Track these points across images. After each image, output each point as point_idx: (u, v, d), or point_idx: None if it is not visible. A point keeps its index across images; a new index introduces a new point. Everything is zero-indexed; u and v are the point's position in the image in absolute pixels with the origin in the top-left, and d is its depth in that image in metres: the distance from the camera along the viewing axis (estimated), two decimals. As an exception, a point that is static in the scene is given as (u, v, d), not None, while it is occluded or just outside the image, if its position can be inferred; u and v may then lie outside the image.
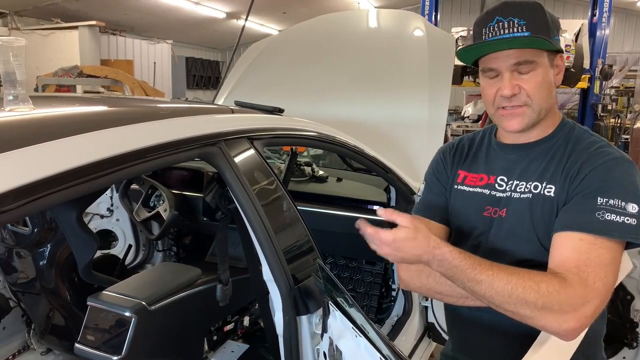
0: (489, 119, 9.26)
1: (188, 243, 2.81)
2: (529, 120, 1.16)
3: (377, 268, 2.71)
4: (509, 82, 1.13)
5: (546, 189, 1.15)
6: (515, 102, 1.15)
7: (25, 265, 2.06)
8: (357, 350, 1.02)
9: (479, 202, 1.25)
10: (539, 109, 1.15)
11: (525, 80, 1.13)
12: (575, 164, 1.13)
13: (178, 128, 1.21)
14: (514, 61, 1.13)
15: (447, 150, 1.39)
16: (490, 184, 1.25)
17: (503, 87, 1.14)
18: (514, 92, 1.13)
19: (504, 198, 1.21)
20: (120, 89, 8.33)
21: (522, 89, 1.13)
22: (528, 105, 1.15)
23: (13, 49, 1.05)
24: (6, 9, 9.92)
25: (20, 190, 0.84)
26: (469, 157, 1.33)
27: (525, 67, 1.13)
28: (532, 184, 1.17)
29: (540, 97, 1.15)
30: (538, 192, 1.16)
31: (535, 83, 1.13)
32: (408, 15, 3.48)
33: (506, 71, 1.14)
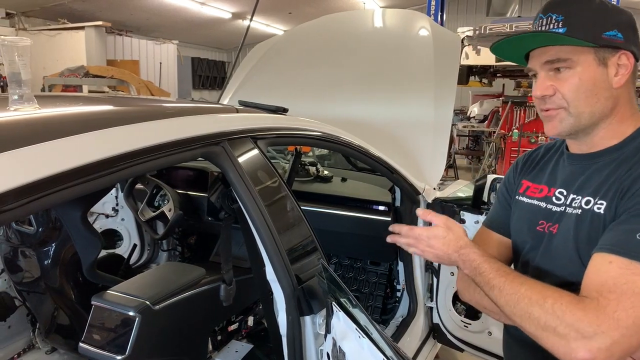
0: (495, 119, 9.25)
1: (193, 243, 2.81)
2: (567, 125, 1.06)
3: (381, 268, 2.70)
4: (541, 83, 1.05)
5: (596, 205, 1.03)
6: (549, 104, 1.06)
7: (30, 264, 2.06)
8: (361, 351, 1.01)
9: (534, 216, 1.16)
10: (577, 113, 1.04)
11: (560, 80, 1.04)
12: (630, 177, 0.99)
13: (181, 127, 1.21)
14: (544, 59, 1.05)
15: (521, 158, 1.31)
16: (549, 197, 1.15)
17: (536, 88, 1.07)
18: (544, 93, 1.05)
19: (557, 213, 1.11)
20: (126, 89, 8.36)
21: (557, 90, 1.04)
22: (564, 109, 1.05)
23: (18, 48, 1.05)
24: (13, 10, 9.98)
25: (24, 188, 0.84)
26: (538, 167, 1.24)
27: (560, 65, 1.03)
28: (585, 198, 1.06)
29: (579, 100, 1.03)
30: (588, 208, 1.04)
31: (570, 84, 1.03)
32: (413, 15, 3.47)
33: (540, 70, 1.06)
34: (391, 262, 2.59)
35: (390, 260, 2.56)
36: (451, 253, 1.07)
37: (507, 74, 8.63)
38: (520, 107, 7.94)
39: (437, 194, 2.37)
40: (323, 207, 2.48)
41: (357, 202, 2.48)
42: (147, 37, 12.48)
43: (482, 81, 9.23)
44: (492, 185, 2.18)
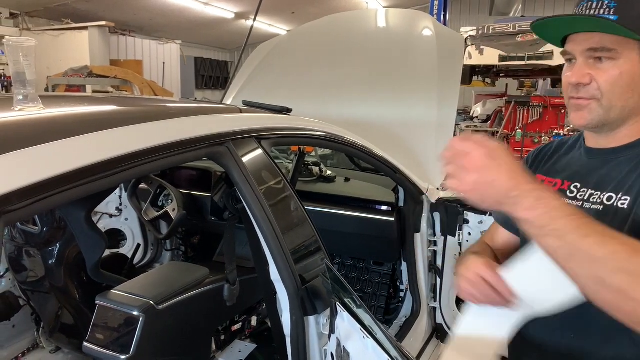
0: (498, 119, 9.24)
1: (196, 242, 2.81)
2: (595, 117, 1.01)
3: (385, 269, 2.70)
4: (579, 69, 0.99)
5: (620, 201, 0.98)
6: (582, 93, 1.00)
7: (34, 264, 2.07)
8: (365, 352, 1.01)
9: None
10: (609, 106, 0.99)
11: (600, 70, 0.98)
12: None
13: (186, 128, 1.21)
14: (588, 46, 0.98)
15: (531, 154, 1.27)
16: (562, 190, 1.10)
17: (572, 74, 1.00)
18: (580, 81, 0.99)
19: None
20: (129, 89, 8.38)
21: (593, 79, 0.98)
22: (597, 100, 0.99)
23: (23, 49, 1.06)
24: (17, 10, 10.01)
25: (29, 189, 0.84)
26: (552, 161, 1.20)
27: (603, 55, 0.97)
28: (607, 194, 1.01)
29: (614, 94, 0.98)
30: (611, 204, 0.99)
31: (610, 76, 0.97)
32: (417, 15, 3.47)
33: (580, 56, 1.00)
34: (394, 262, 2.58)
35: (393, 260, 2.56)
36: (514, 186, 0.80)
37: (510, 73, 8.62)
38: (523, 107, 7.93)
39: (440, 194, 2.37)
40: (326, 207, 2.48)
41: (360, 202, 2.47)
42: (150, 37, 12.51)
43: (485, 81, 9.23)
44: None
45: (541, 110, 7.72)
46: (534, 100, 7.87)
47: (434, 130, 2.72)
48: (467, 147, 0.83)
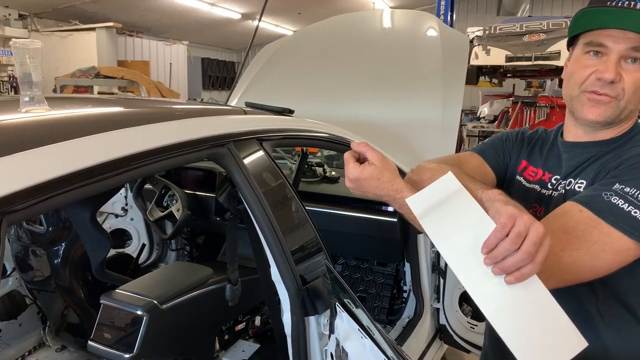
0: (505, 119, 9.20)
1: (201, 242, 2.83)
2: (611, 114, 1.03)
3: (388, 269, 2.70)
4: (614, 66, 0.99)
5: (577, 184, 1.07)
6: (609, 90, 1.01)
7: (40, 263, 2.09)
8: (363, 352, 1.02)
9: (529, 198, 1.17)
10: (624, 107, 1.02)
11: (630, 71, 0.99)
12: (617, 160, 1.03)
13: (187, 129, 1.23)
14: (631, 45, 0.97)
15: (520, 132, 1.31)
16: (543, 181, 1.17)
17: (606, 69, 0.99)
18: (615, 80, 0.99)
19: (546, 196, 1.15)
20: (136, 90, 8.43)
21: (622, 79, 1.00)
22: (617, 99, 1.02)
23: (29, 50, 1.07)
24: (26, 11, 10.10)
25: (34, 189, 0.86)
26: (535, 149, 1.25)
27: (637, 60, 0.99)
28: (568, 179, 1.10)
29: (633, 96, 1.01)
30: (570, 188, 1.08)
31: (637, 78, 0.99)
32: (421, 15, 3.47)
33: (617, 54, 0.99)
34: (398, 262, 2.59)
35: (396, 261, 2.56)
36: (383, 195, 0.99)
37: (517, 74, 8.58)
38: (530, 108, 7.88)
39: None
40: (330, 208, 2.48)
41: (363, 202, 2.48)
42: (157, 37, 12.57)
43: (492, 81, 9.18)
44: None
45: (548, 111, 7.67)
46: (540, 101, 7.82)
47: (438, 131, 2.72)
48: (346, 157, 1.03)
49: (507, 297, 0.80)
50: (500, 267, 0.79)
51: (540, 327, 0.80)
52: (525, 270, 0.77)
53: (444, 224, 0.86)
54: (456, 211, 0.86)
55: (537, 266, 0.77)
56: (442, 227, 0.85)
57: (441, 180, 0.90)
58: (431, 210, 0.87)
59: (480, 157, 1.28)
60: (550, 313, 0.80)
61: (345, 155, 1.03)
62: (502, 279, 0.79)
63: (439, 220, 0.86)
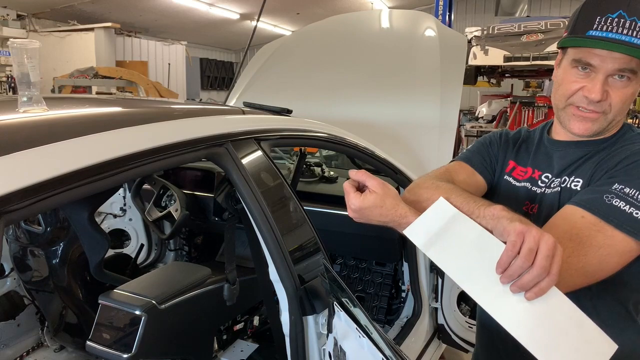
0: (503, 119, 9.21)
1: (199, 243, 2.83)
2: (598, 127, 1.08)
3: (387, 269, 2.70)
4: (601, 86, 1.02)
5: (573, 183, 1.10)
6: (594, 107, 1.05)
7: (39, 263, 2.09)
8: (361, 351, 1.02)
9: (520, 197, 1.19)
10: (612, 119, 1.07)
11: (617, 89, 1.03)
12: (614, 160, 1.06)
13: (185, 129, 1.23)
14: (618, 67, 1.01)
15: (503, 133, 1.33)
16: (534, 179, 1.19)
17: (593, 89, 1.03)
18: (602, 99, 1.03)
19: (539, 194, 1.16)
20: (134, 90, 8.43)
21: (609, 96, 1.04)
22: (605, 114, 1.06)
23: (27, 51, 1.07)
24: (24, 12, 10.10)
25: (31, 188, 0.86)
26: (522, 148, 1.27)
27: (624, 76, 1.03)
28: (563, 177, 1.12)
29: (621, 110, 1.06)
30: (565, 185, 1.10)
31: (624, 95, 1.04)
32: (419, 16, 3.47)
33: (604, 74, 1.03)
34: (396, 262, 2.59)
35: (395, 260, 2.56)
36: (388, 222, 0.98)
37: (516, 74, 8.58)
38: (528, 108, 7.90)
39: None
40: (328, 208, 2.48)
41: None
42: (155, 38, 12.57)
43: (491, 81, 9.18)
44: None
45: (546, 111, 7.68)
46: (538, 101, 7.83)
47: (436, 131, 2.72)
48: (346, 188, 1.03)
49: (530, 313, 0.80)
50: (518, 285, 0.80)
51: (569, 336, 0.80)
52: (543, 284, 0.79)
53: (450, 251, 0.87)
54: (459, 236, 0.87)
55: (553, 278, 0.79)
56: (449, 254, 0.86)
57: (435, 206, 0.92)
58: (433, 239, 0.88)
59: (468, 165, 1.29)
60: (575, 320, 0.81)
61: (345, 186, 1.03)
62: (521, 296, 0.80)
63: (444, 248, 0.87)
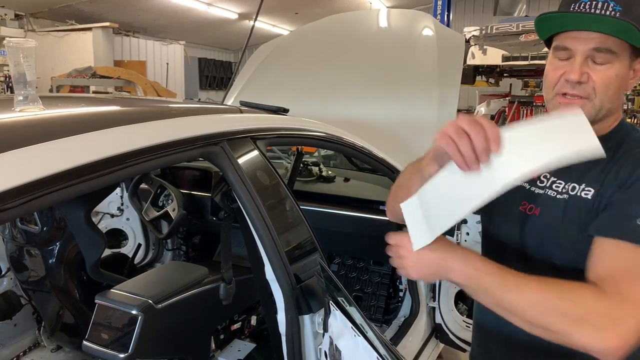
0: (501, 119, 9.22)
1: (197, 242, 2.83)
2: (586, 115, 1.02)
3: (384, 268, 2.70)
4: (579, 67, 1.00)
5: (584, 191, 1.05)
6: (578, 91, 1.02)
7: (35, 263, 2.09)
8: (356, 350, 1.02)
9: (517, 196, 1.14)
10: (599, 106, 1.03)
11: (597, 71, 1.01)
12: (626, 169, 1.01)
13: (180, 128, 1.22)
14: (593, 45, 0.99)
15: None
16: (533, 179, 1.15)
17: (571, 70, 1.01)
18: (581, 80, 1.01)
19: (540, 195, 1.12)
20: (133, 90, 8.42)
21: (590, 78, 1.01)
22: (590, 100, 1.02)
23: (23, 50, 1.07)
24: (22, 11, 10.08)
25: (26, 186, 0.86)
26: None
27: (603, 57, 1.00)
28: (571, 184, 1.07)
29: (606, 95, 1.02)
30: (574, 193, 1.06)
31: (606, 77, 1.01)
32: (417, 15, 3.47)
33: (581, 55, 1.01)
34: (394, 262, 2.59)
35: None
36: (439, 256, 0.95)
37: (514, 73, 8.60)
38: (526, 107, 7.91)
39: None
40: (326, 207, 2.48)
41: (359, 202, 2.48)
42: (154, 37, 12.56)
43: (489, 81, 9.20)
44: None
45: (545, 110, 7.69)
46: (536, 100, 7.85)
47: (434, 130, 2.71)
48: (397, 241, 1.01)
49: (515, 155, 0.85)
50: (479, 153, 0.86)
51: (556, 134, 0.88)
52: (490, 134, 0.85)
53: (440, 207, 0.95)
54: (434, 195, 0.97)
55: (488, 125, 0.86)
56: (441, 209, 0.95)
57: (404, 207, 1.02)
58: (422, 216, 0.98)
59: None
60: (547, 124, 0.89)
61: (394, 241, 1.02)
62: (496, 157, 0.85)
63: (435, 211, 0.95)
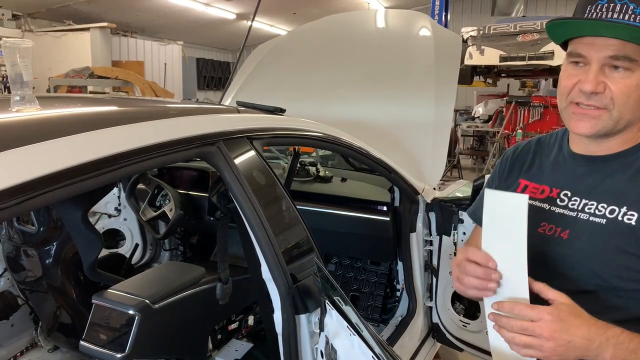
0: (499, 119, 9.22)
1: (194, 242, 2.83)
2: (603, 127, 0.97)
3: (381, 268, 2.71)
4: (594, 77, 0.94)
5: (626, 216, 0.96)
6: (594, 101, 0.96)
7: (32, 263, 2.09)
8: (351, 349, 1.02)
9: (535, 217, 1.07)
10: (618, 117, 0.96)
11: (616, 80, 0.93)
12: None
13: (177, 127, 1.22)
14: (610, 53, 0.92)
15: (509, 154, 1.24)
16: (552, 198, 1.08)
17: (586, 80, 0.94)
18: (596, 90, 0.94)
19: (568, 217, 1.04)
20: (130, 90, 8.41)
21: (607, 88, 0.94)
22: (608, 110, 0.95)
23: (20, 50, 1.07)
24: (20, 11, 10.07)
25: (20, 187, 0.86)
26: (535, 164, 1.16)
27: (622, 64, 0.92)
28: (608, 207, 0.98)
29: (626, 105, 0.94)
30: (614, 217, 0.97)
31: (625, 86, 0.93)
32: (414, 15, 3.48)
33: (596, 63, 0.94)
34: (391, 261, 2.60)
35: (389, 259, 2.57)
36: (591, 342, 0.87)
37: (512, 74, 8.61)
38: (524, 107, 7.92)
39: (436, 194, 2.38)
40: (323, 207, 2.49)
41: (356, 202, 2.49)
42: (152, 38, 12.55)
43: (487, 81, 9.22)
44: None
45: (542, 110, 7.72)
46: (534, 101, 7.87)
47: (431, 131, 2.73)
48: (536, 315, 0.89)
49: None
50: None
51: None
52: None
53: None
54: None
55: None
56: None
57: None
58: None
59: (478, 225, 1.26)
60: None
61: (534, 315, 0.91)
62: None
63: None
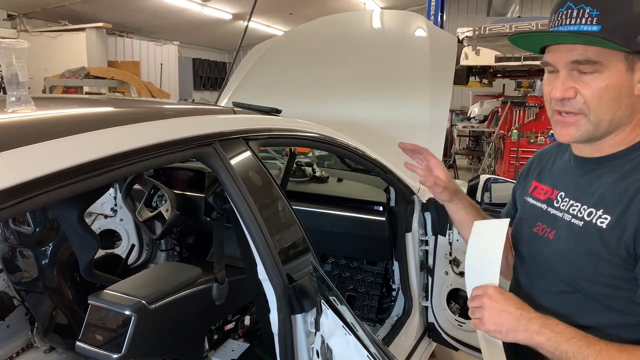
0: (495, 119, 9.24)
1: (191, 243, 2.83)
2: (583, 132, 0.98)
3: (377, 268, 2.72)
4: (562, 83, 0.95)
5: (599, 219, 0.96)
6: (568, 107, 0.97)
7: (28, 264, 2.08)
8: (347, 348, 1.03)
9: (534, 217, 1.12)
10: (596, 120, 0.95)
11: (585, 83, 0.94)
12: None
13: (172, 128, 1.23)
14: (573, 58, 0.93)
15: (535, 157, 1.26)
16: (551, 199, 1.10)
17: (556, 87, 0.96)
18: (565, 96, 0.95)
19: (557, 218, 1.06)
20: (126, 90, 8.39)
21: (579, 93, 0.95)
22: (584, 114, 0.96)
23: (16, 51, 1.07)
24: (15, 11, 10.02)
25: (17, 188, 0.86)
26: (547, 167, 1.18)
27: (588, 68, 0.93)
28: (587, 210, 0.99)
29: (599, 107, 0.94)
30: (590, 219, 0.98)
31: (596, 89, 0.93)
32: (410, 16, 3.49)
33: (563, 69, 0.96)
34: (387, 261, 2.60)
35: (385, 259, 2.58)
36: (521, 315, 0.96)
37: (507, 74, 8.64)
38: (519, 107, 7.95)
39: (432, 194, 2.39)
40: (319, 207, 2.49)
41: (352, 202, 2.49)
42: (148, 38, 12.51)
43: (482, 81, 9.24)
44: (485, 185, 2.19)
45: (537, 111, 7.74)
46: (529, 101, 7.89)
47: (426, 131, 2.74)
48: (483, 290, 1.02)
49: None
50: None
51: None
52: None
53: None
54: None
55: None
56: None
57: None
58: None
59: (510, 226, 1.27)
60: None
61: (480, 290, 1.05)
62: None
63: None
